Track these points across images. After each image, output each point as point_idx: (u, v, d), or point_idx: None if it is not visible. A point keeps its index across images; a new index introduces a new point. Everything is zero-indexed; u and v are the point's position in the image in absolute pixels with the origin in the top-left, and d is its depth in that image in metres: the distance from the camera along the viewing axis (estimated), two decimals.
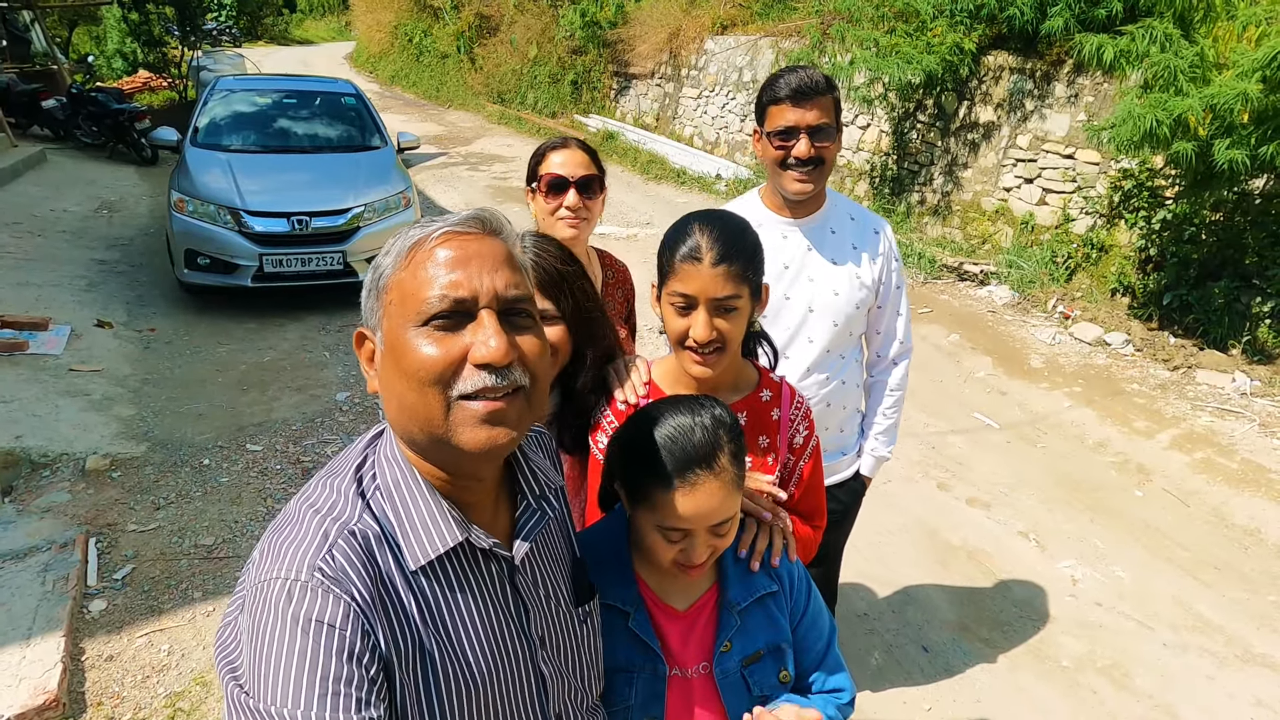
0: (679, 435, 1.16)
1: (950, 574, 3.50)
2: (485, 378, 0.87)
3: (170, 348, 5.41)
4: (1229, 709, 2.86)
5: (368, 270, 0.96)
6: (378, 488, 0.94)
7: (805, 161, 1.89)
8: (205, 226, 5.81)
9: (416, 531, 0.92)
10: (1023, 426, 4.81)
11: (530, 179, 2.05)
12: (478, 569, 0.97)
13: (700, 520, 1.15)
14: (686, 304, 1.36)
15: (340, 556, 0.86)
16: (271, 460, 4.13)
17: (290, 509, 0.93)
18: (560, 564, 1.12)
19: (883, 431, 2.23)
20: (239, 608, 0.91)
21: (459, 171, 11.42)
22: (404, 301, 0.89)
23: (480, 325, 0.88)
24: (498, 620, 0.98)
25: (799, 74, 1.87)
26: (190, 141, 6.74)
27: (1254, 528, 3.93)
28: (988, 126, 7.89)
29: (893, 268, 2.10)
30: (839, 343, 2.07)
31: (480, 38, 18.37)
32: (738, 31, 11.75)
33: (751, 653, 1.27)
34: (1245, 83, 4.59)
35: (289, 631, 0.81)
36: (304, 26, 37.15)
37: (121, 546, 3.41)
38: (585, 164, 2.00)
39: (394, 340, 0.89)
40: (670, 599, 1.28)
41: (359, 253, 6.09)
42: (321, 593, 0.83)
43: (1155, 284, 6.22)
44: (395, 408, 0.91)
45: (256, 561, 0.88)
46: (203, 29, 18.20)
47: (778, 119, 1.90)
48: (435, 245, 0.90)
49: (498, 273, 0.91)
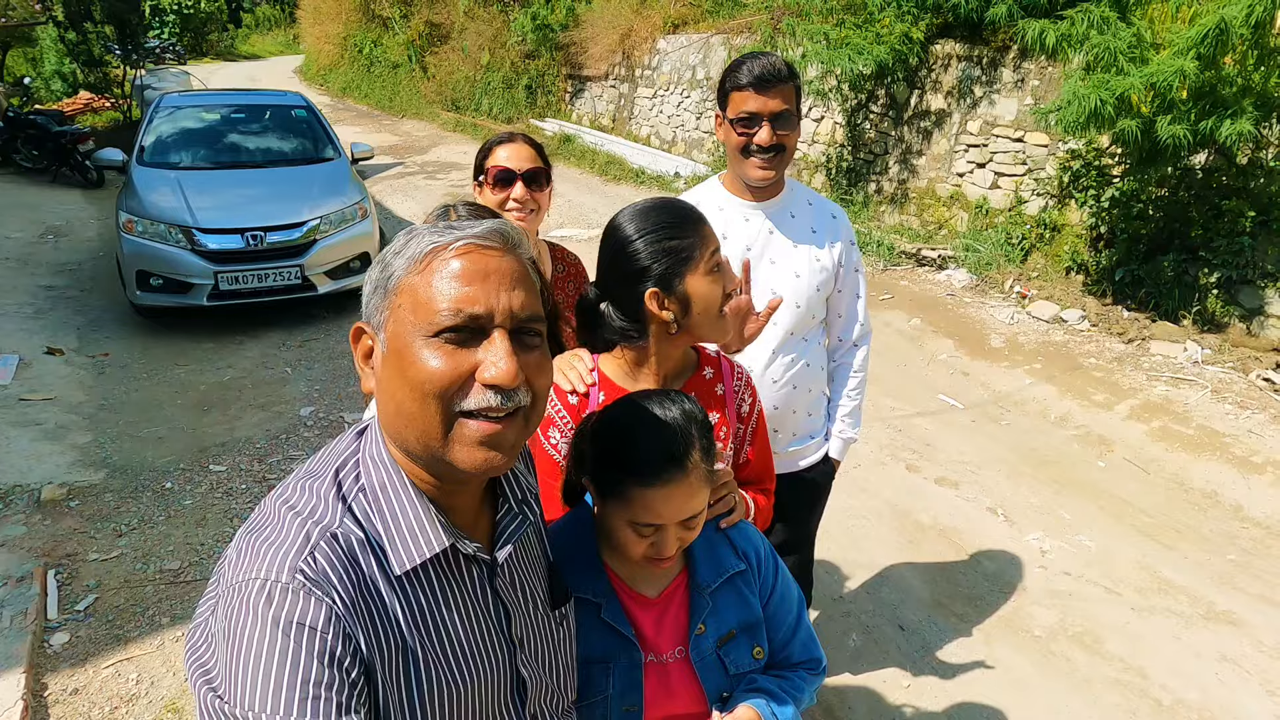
0: (652, 432, 1.17)
1: (923, 553, 3.55)
2: (491, 397, 0.86)
3: (125, 372, 5.28)
4: (1196, 666, 2.94)
5: (374, 264, 0.94)
6: (361, 489, 0.92)
7: (767, 149, 1.92)
8: (157, 246, 5.68)
9: (403, 535, 0.91)
10: (987, 405, 4.90)
11: (477, 173, 2.10)
12: (460, 572, 0.96)
13: (673, 516, 1.17)
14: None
15: (322, 559, 0.84)
16: (236, 480, 4.05)
17: (267, 508, 0.90)
18: (537, 567, 1.12)
19: (848, 414, 2.25)
20: (210, 608, 0.88)
21: (416, 180, 11.32)
22: (416, 308, 0.87)
23: (492, 344, 0.87)
24: (480, 623, 0.98)
25: (762, 61, 1.89)
26: (136, 161, 6.58)
27: (1211, 490, 4.04)
28: (939, 114, 8.01)
29: (850, 251, 2.13)
30: (802, 325, 2.09)
31: (431, 46, 18.22)
32: (689, 30, 11.80)
33: (725, 633, 1.28)
34: (1182, 60, 4.73)
35: (268, 634, 0.79)
36: (250, 41, 36.50)
37: (83, 577, 3.32)
38: (531, 157, 2.04)
39: (400, 346, 0.88)
40: (641, 587, 1.29)
41: (316, 266, 6.00)
42: (304, 594, 0.81)
43: (1107, 260, 6.36)
44: (393, 412, 0.90)
45: (233, 560, 0.86)
46: (145, 47, 17.82)
47: (740, 105, 1.92)
48: (455, 255, 0.88)
49: (514, 291, 0.89)
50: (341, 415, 4.73)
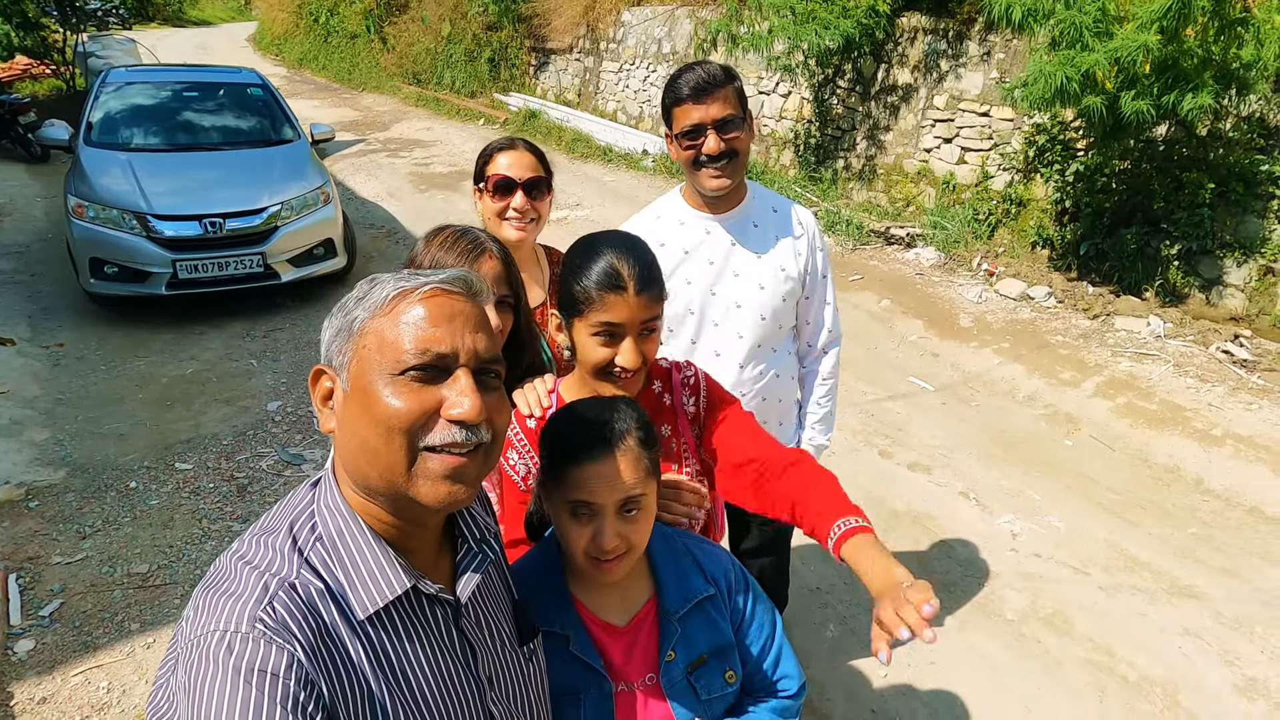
0: (584, 419, 1.24)
1: (897, 540, 3.60)
2: (455, 432, 0.90)
3: (82, 364, 5.12)
4: (1160, 642, 3.03)
5: (334, 310, 0.97)
6: (318, 538, 0.93)
7: (717, 157, 1.88)
8: (109, 233, 5.48)
9: (364, 579, 0.92)
10: (957, 387, 4.95)
11: (477, 179, 2.04)
12: (423, 614, 0.98)
13: (605, 492, 1.17)
14: (612, 333, 1.36)
15: (281, 609, 0.86)
16: (204, 478, 3.96)
17: (222, 565, 0.92)
18: (502, 606, 1.14)
19: (819, 420, 2.26)
20: (170, 669, 0.89)
21: (379, 159, 11.06)
22: (382, 348, 0.91)
23: (457, 381, 0.91)
24: (447, 664, 0.99)
25: (696, 71, 1.87)
26: (84, 140, 6.32)
27: (1173, 465, 4.14)
28: (906, 89, 8.00)
29: (817, 257, 2.11)
30: (769, 336, 2.08)
31: (390, 15, 17.72)
32: (654, 2, 11.60)
33: (695, 658, 1.29)
34: (1145, 34, 4.75)
35: (230, 683, 0.80)
36: (199, 6, 35.14)
37: (46, 581, 3.24)
38: (533, 165, 2.00)
39: (365, 385, 0.91)
40: (609, 616, 1.29)
41: (279, 253, 5.84)
42: (264, 643, 0.82)
43: (1072, 234, 6.45)
44: (355, 449, 0.92)
45: (190, 619, 0.87)
46: (86, 9, 16.99)
47: (683, 119, 1.89)
48: (421, 299, 0.93)
49: (478, 334, 0.95)
50: (310, 410, 4.64)
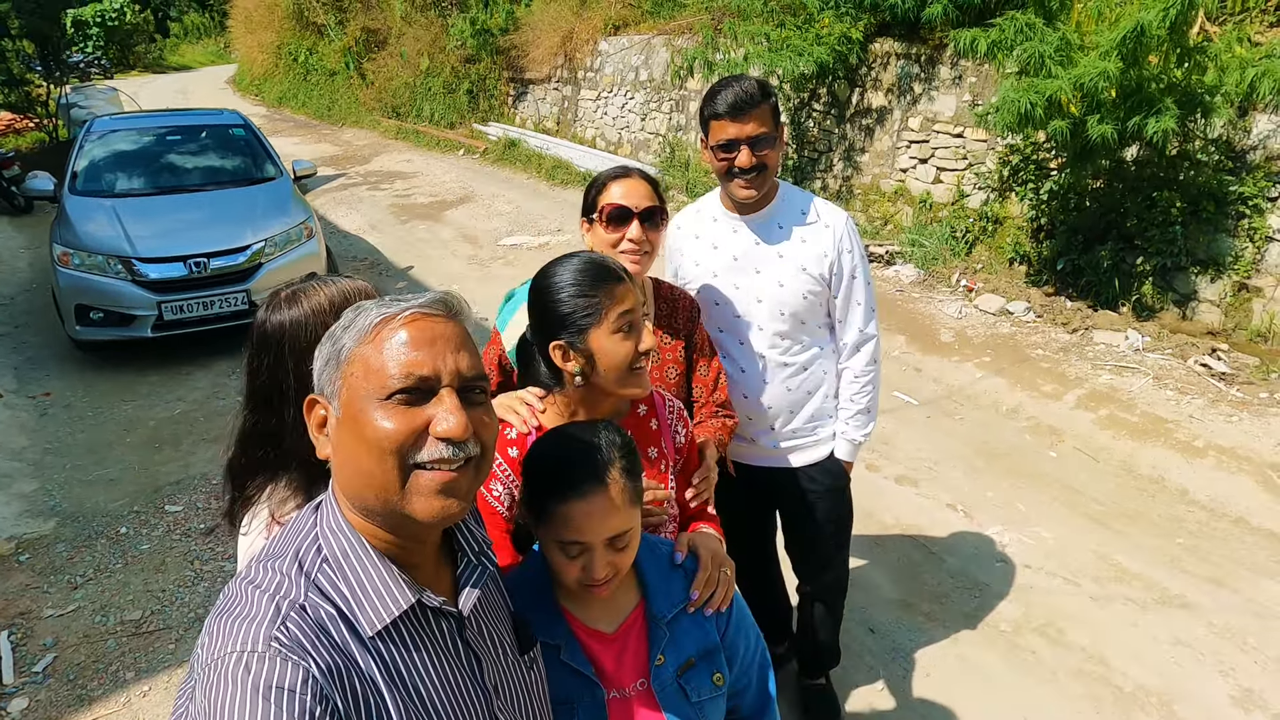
0: (570, 452, 1.24)
1: (888, 554, 3.63)
2: (444, 449, 0.93)
3: (70, 412, 5.10)
4: (1153, 651, 3.06)
5: (324, 339, 1.01)
6: (324, 560, 0.96)
7: (748, 170, 2.03)
8: (95, 279, 5.49)
9: (370, 598, 0.95)
10: (940, 401, 5.02)
11: (588, 210, 1.97)
12: (429, 628, 1.01)
13: (593, 532, 1.20)
14: (631, 324, 1.47)
15: (294, 628, 0.88)
16: (195, 519, 3.95)
17: (233, 590, 0.95)
18: (501, 616, 1.17)
19: (851, 416, 2.32)
20: (189, 696, 0.90)
21: (360, 192, 11.12)
22: (368, 375, 0.94)
23: (442, 401, 0.94)
24: (454, 675, 1.02)
25: (734, 88, 1.99)
26: (69, 189, 6.35)
27: (1157, 475, 4.20)
28: (880, 111, 8.16)
29: (844, 259, 2.19)
30: (792, 331, 2.20)
31: (368, 52, 17.90)
32: (630, 31, 11.80)
33: (684, 661, 1.33)
34: (1106, 62, 4.90)
35: (249, 700, 0.82)
36: (180, 52, 35.38)
37: (39, 635, 3.21)
38: (648, 194, 1.92)
39: (355, 410, 0.94)
40: (597, 624, 1.32)
41: (263, 290, 5.84)
42: (280, 660, 0.84)
43: (1048, 251, 6.56)
44: (350, 472, 0.96)
45: (205, 645, 0.89)
46: (68, 62, 17.11)
47: (719, 134, 2.03)
48: (402, 324, 0.96)
49: (459, 353, 0.97)
50: None
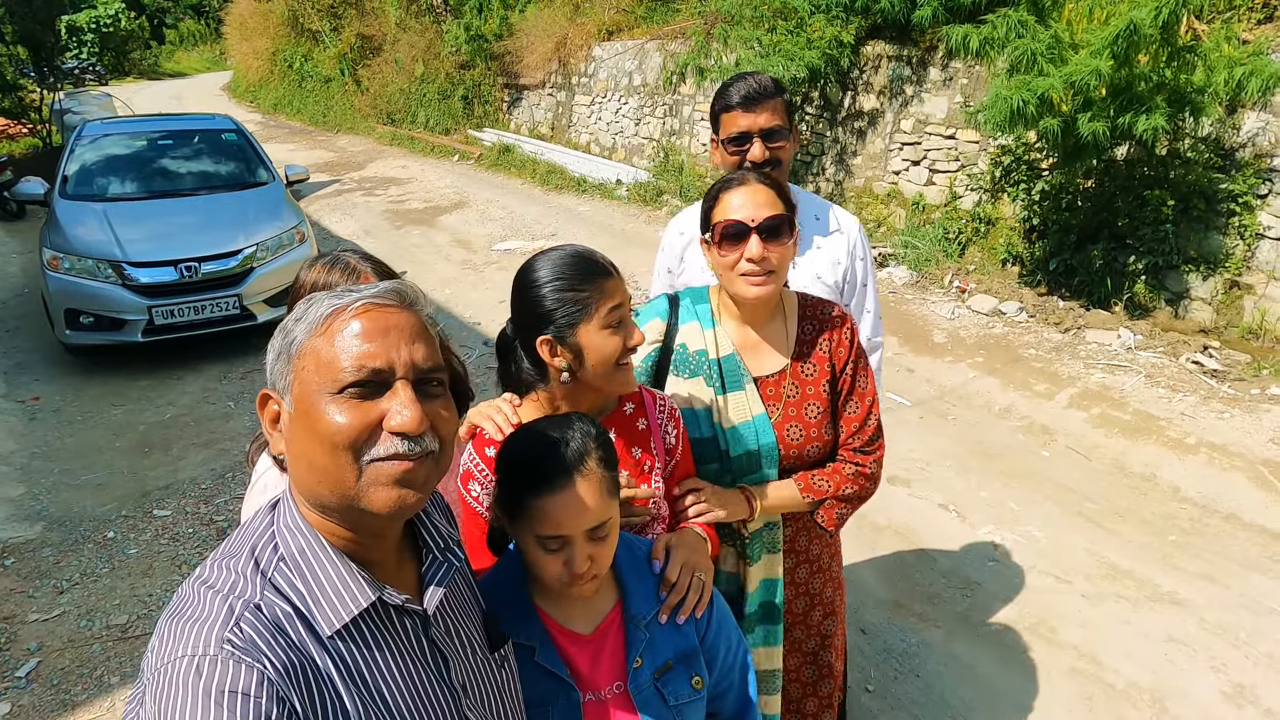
0: (544, 445, 1.21)
1: (880, 554, 3.61)
2: (399, 444, 0.90)
3: (59, 416, 5.07)
4: (1145, 648, 3.05)
5: (276, 332, 0.96)
6: (281, 559, 0.93)
7: (760, 164, 1.94)
8: (85, 283, 5.47)
9: (328, 596, 0.92)
10: (933, 401, 5.01)
11: (704, 228, 1.71)
12: (392, 626, 0.98)
13: (572, 524, 1.18)
14: (620, 319, 1.43)
15: (248, 629, 0.85)
16: (182, 524, 3.92)
17: (186, 591, 0.92)
18: (470, 613, 1.14)
19: None
20: (139, 701, 0.88)
21: (354, 198, 11.11)
22: (320, 369, 0.90)
23: (396, 394, 0.91)
24: (419, 674, 0.99)
25: (748, 81, 1.94)
26: (59, 193, 6.32)
27: (1149, 473, 4.20)
28: (872, 114, 8.17)
29: (858, 266, 2.15)
30: None
31: (363, 59, 17.89)
32: (624, 36, 11.81)
33: (661, 664, 1.30)
34: (1098, 60, 4.90)
35: (201, 706, 0.79)
36: (175, 59, 35.34)
37: (23, 640, 3.18)
38: (770, 201, 1.63)
39: (307, 405, 0.91)
40: (574, 624, 1.30)
41: (255, 295, 5.84)
42: (233, 663, 0.81)
43: (1041, 251, 6.57)
44: (304, 469, 0.92)
45: (155, 648, 0.86)
46: (62, 68, 17.09)
47: (730, 126, 1.96)
48: (354, 315, 0.92)
49: (414, 345, 0.93)
50: None
